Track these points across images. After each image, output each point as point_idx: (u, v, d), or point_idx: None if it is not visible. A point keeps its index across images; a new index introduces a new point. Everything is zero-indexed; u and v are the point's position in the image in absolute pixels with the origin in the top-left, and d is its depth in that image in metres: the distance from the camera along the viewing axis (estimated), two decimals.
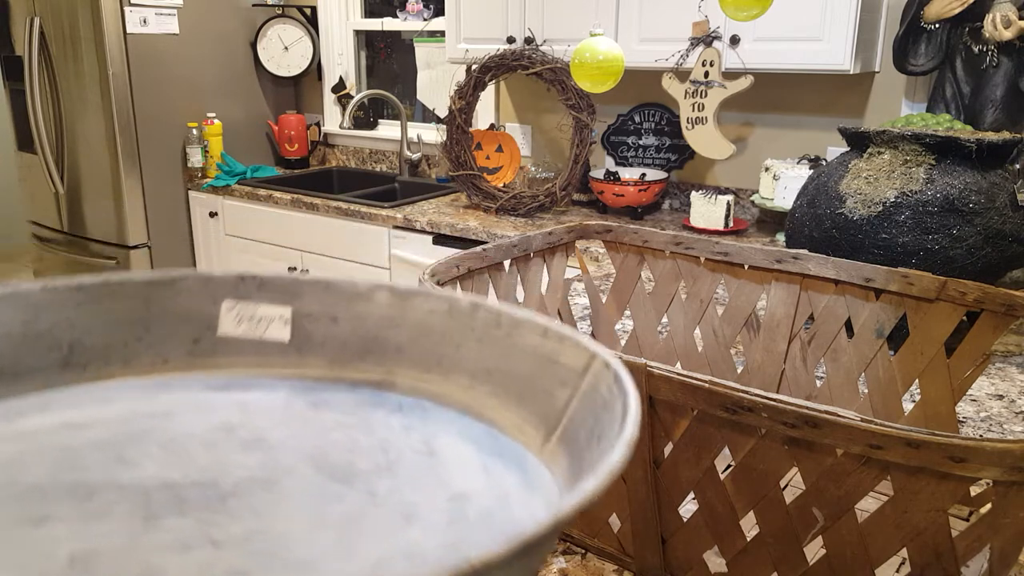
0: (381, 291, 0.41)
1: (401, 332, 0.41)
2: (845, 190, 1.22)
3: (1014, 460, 0.43)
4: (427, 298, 0.40)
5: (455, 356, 0.40)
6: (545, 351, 0.37)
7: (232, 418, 0.36)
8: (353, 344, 0.41)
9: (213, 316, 0.41)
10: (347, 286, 0.41)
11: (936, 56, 2.00)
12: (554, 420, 0.35)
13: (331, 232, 2.81)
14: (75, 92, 3.07)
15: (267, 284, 0.41)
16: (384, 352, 0.41)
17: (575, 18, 2.44)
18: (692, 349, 0.99)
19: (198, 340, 0.40)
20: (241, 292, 0.41)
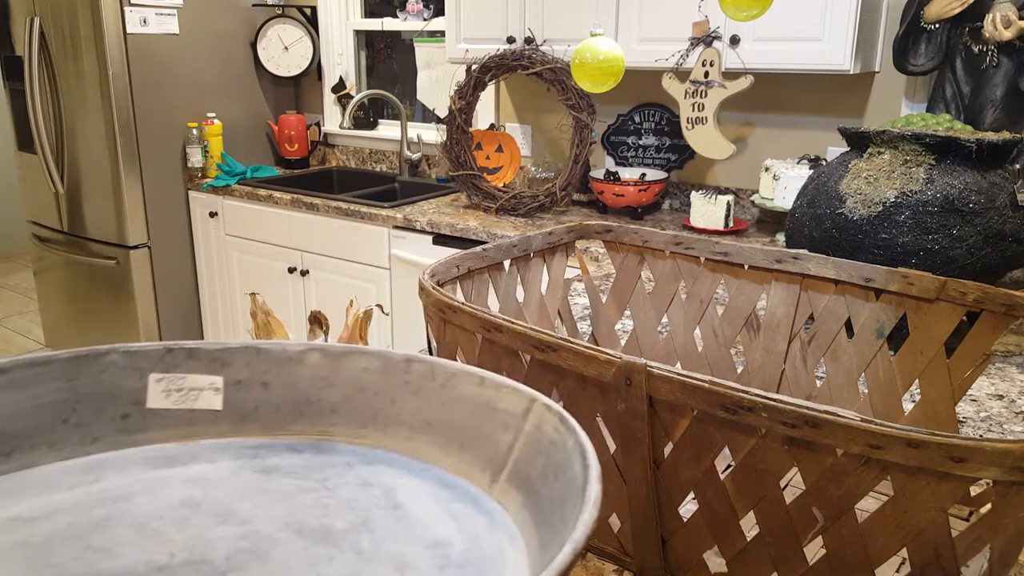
0: (312, 353, 0.41)
1: (335, 392, 0.41)
2: (845, 190, 1.22)
3: (1014, 460, 0.43)
4: (360, 356, 0.41)
5: (391, 411, 0.40)
6: (483, 399, 0.37)
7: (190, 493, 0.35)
8: (286, 408, 0.41)
9: (141, 390, 0.40)
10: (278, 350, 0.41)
11: (936, 56, 2.00)
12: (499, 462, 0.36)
13: (331, 232, 2.81)
14: (75, 92, 3.07)
15: (195, 353, 0.40)
16: (318, 413, 0.41)
17: (575, 18, 2.44)
18: (692, 349, 0.99)
19: (127, 416, 0.39)
20: (168, 364, 0.40)
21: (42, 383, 0.38)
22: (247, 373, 0.41)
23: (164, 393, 0.40)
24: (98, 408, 0.39)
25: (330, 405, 0.41)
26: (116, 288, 3.21)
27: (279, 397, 0.41)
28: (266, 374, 0.41)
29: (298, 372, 0.41)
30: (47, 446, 0.37)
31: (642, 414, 0.56)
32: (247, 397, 0.41)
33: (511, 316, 0.93)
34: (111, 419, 0.39)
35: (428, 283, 0.71)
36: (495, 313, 0.64)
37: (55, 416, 0.38)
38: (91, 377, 0.39)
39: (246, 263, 3.16)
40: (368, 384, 0.40)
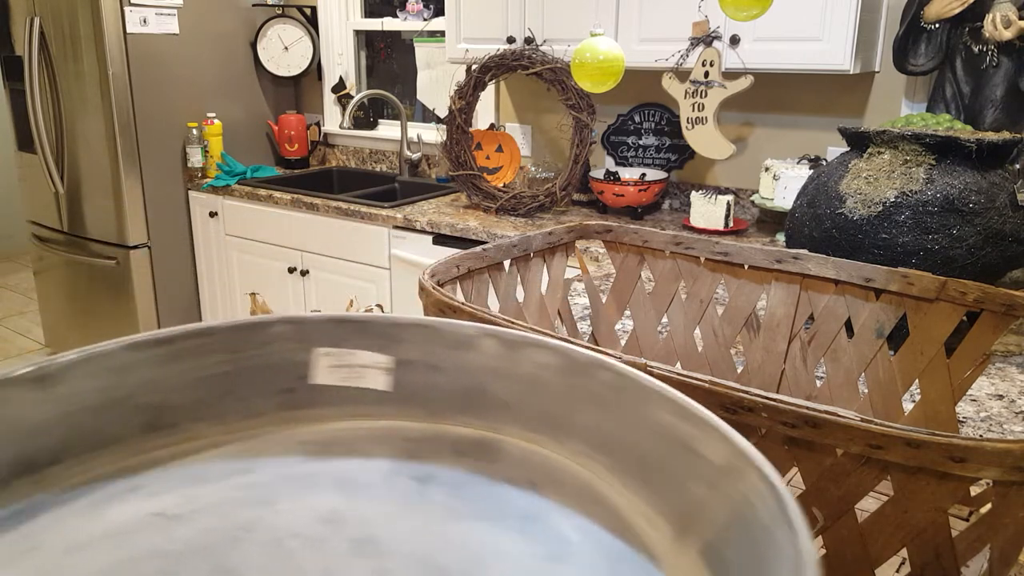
0: (488, 339, 0.37)
1: (508, 386, 0.36)
2: (845, 190, 1.22)
3: (1014, 460, 0.43)
4: (540, 349, 0.36)
5: (568, 419, 0.35)
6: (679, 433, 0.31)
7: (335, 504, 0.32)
8: (455, 395, 0.37)
9: (306, 364, 0.37)
10: (450, 331, 0.37)
11: (936, 56, 2.00)
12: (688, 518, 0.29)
13: (331, 232, 2.81)
14: (75, 92, 3.07)
15: (366, 327, 0.38)
16: (489, 406, 0.37)
17: (575, 18, 2.44)
18: (692, 349, 0.99)
19: (292, 390, 0.37)
20: (337, 337, 0.38)
21: (205, 355, 0.36)
22: (417, 353, 0.37)
23: (330, 368, 0.37)
24: (262, 381, 0.37)
25: (502, 400, 0.36)
26: (116, 288, 3.21)
27: (449, 383, 0.37)
28: (437, 356, 0.37)
29: (470, 358, 0.37)
30: (212, 419, 0.36)
31: None
32: (415, 379, 0.37)
33: (511, 316, 0.93)
34: (274, 393, 0.37)
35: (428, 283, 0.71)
36: (495, 313, 0.64)
37: (219, 389, 0.36)
38: (255, 349, 0.37)
39: (246, 263, 3.16)
40: (546, 383, 0.36)
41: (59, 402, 0.33)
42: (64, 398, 0.33)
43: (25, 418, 0.32)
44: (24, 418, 0.32)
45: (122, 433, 0.34)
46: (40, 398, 0.33)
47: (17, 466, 0.32)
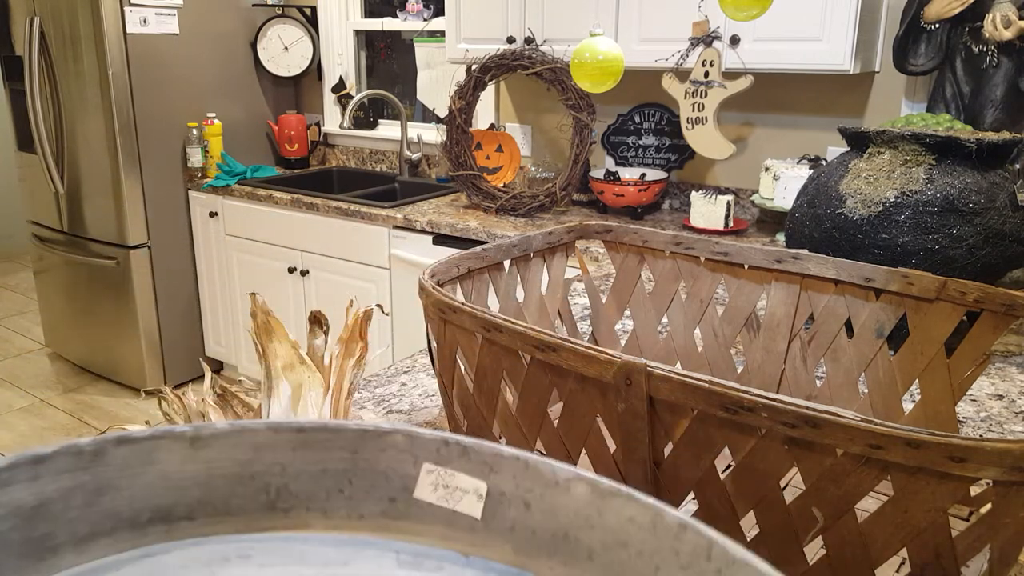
0: (580, 483, 0.38)
1: (594, 535, 0.37)
2: (845, 190, 1.22)
3: (1014, 460, 0.43)
4: (628, 502, 0.37)
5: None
6: None
7: None
8: (542, 536, 0.38)
9: (412, 477, 0.39)
10: (547, 471, 0.38)
11: (936, 56, 2.00)
12: None
13: (331, 232, 2.81)
14: (75, 92, 3.07)
15: (468, 452, 0.39)
16: (573, 553, 0.38)
17: (575, 18, 2.44)
18: (692, 349, 0.99)
19: (394, 500, 0.39)
20: (443, 456, 0.39)
21: (331, 450, 0.39)
22: (512, 487, 0.39)
23: (432, 486, 0.39)
24: (371, 486, 0.39)
25: (587, 549, 0.37)
26: (116, 288, 3.21)
27: (537, 523, 0.38)
28: (529, 493, 0.39)
29: (561, 500, 0.38)
30: (320, 511, 0.39)
31: (642, 414, 0.56)
32: (507, 513, 0.39)
33: (511, 316, 0.93)
34: (379, 499, 0.39)
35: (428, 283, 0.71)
36: (495, 313, 0.64)
37: (333, 485, 0.39)
38: (372, 454, 0.39)
39: (246, 263, 3.16)
40: (632, 539, 0.37)
41: (204, 464, 0.37)
42: (209, 461, 0.37)
43: (174, 472, 0.36)
44: (172, 472, 0.36)
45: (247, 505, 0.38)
46: (190, 456, 0.36)
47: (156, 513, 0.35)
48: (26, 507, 0.32)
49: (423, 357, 1.18)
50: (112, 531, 0.34)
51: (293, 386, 0.76)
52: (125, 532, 0.35)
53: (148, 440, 0.35)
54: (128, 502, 0.35)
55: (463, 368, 0.72)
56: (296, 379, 0.76)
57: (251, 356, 3.29)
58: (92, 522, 0.34)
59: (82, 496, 0.34)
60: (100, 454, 0.34)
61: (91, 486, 0.34)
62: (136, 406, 3.24)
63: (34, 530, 0.32)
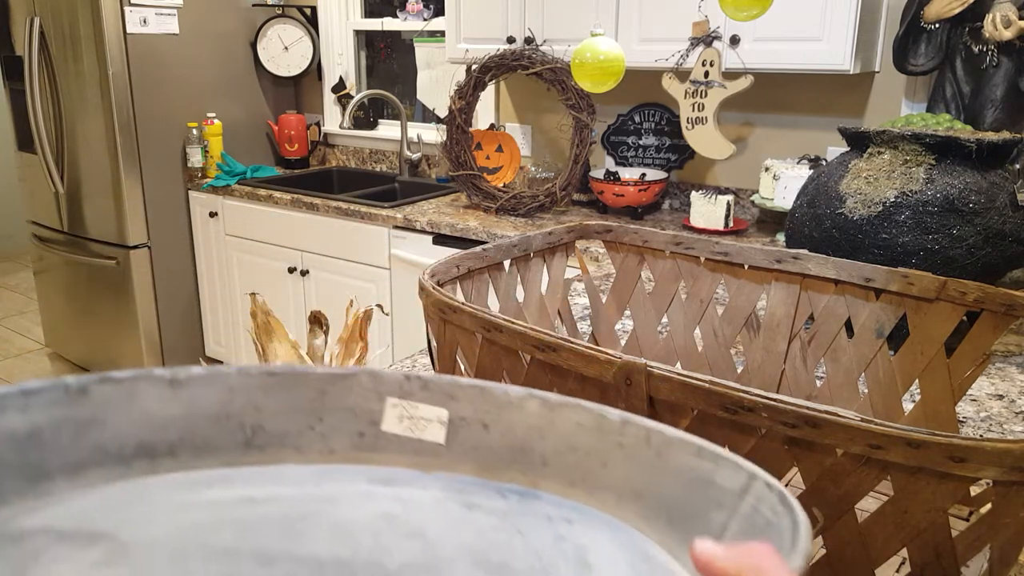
0: (531, 400, 0.42)
1: (547, 443, 0.41)
2: (845, 190, 1.22)
3: (1014, 460, 0.43)
4: (575, 410, 0.41)
5: (601, 473, 0.40)
6: (699, 472, 0.36)
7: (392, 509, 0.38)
8: (501, 451, 0.42)
9: (378, 412, 0.43)
10: (500, 392, 0.42)
11: (936, 56, 2.00)
12: None
13: (331, 232, 2.81)
14: (75, 92, 3.07)
15: (429, 385, 0.43)
16: (530, 462, 0.42)
17: (575, 18, 2.44)
18: (692, 349, 0.99)
19: (363, 434, 0.43)
20: (405, 391, 0.43)
21: (300, 389, 0.42)
22: (470, 411, 0.43)
23: (398, 418, 0.43)
24: (340, 422, 0.43)
25: (542, 456, 0.41)
26: (116, 288, 3.21)
27: (496, 440, 0.42)
28: (487, 415, 0.42)
29: (516, 418, 0.42)
30: (293, 448, 0.42)
31: (642, 414, 0.56)
32: (468, 435, 0.42)
33: (511, 316, 0.93)
34: (349, 434, 0.43)
35: (428, 283, 0.71)
36: (495, 313, 0.64)
37: (304, 423, 0.42)
38: (339, 392, 0.43)
39: (246, 263, 3.16)
40: (581, 442, 0.41)
41: (182, 404, 0.40)
42: (187, 401, 0.40)
43: (154, 411, 0.39)
44: (153, 411, 0.39)
45: (225, 443, 0.41)
46: (169, 396, 0.40)
47: (140, 448, 0.39)
48: (20, 433, 0.35)
49: (423, 357, 1.18)
50: (100, 463, 0.37)
51: None
52: (112, 465, 0.38)
53: (129, 380, 0.38)
54: (113, 437, 0.38)
55: (463, 368, 0.72)
56: None
57: (251, 356, 3.29)
58: (81, 453, 0.37)
59: (71, 428, 0.37)
60: (85, 391, 0.37)
61: (78, 419, 0.37)
62: None
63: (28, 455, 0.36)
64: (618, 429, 0.40)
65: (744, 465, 0.35)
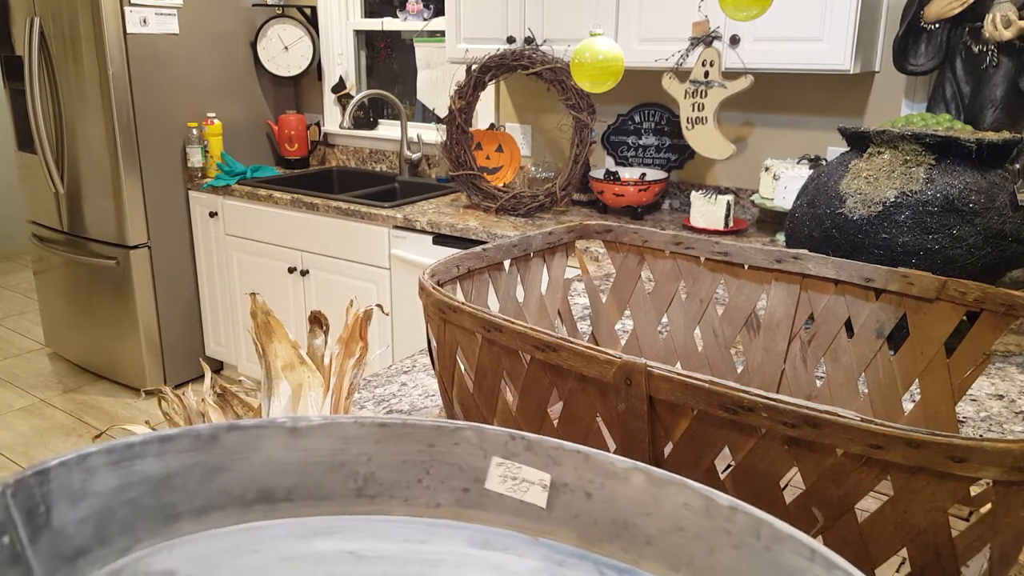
0: (637, 473, 0.41)
1: (652, 521, 0.40)
2: (845, 190, 1.22)
3: (1014, 460, 0.43)
4: (682, 489, 0.40)
5: (707, 560, 0.38)
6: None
7: None
8: (603, 523, 0.41)
9: (482, 469, 0.43)
10: (605, 462, 0.42)
11: (936, 56, 2.00)
12: None
13: (331, 232, 2.81)
14: (75, 92, 3.07)
15: (533, 446, 0.43)
16: (633, 539, 0.41)
17: (575, 18, 2.44)
18: (692, 349, 0.99)
19: (467, 490, 0.43)
20: (510, 450, 0.43)
21: (409, 442, 0.44)
22: (574, 478, 0.42)
23: (501, 478, 0.43)
24: (446, 477, 0.44)
25: (646, 536, 0.40)
26: (116, 288, 3.21)
27: (599, 511, 0.42)
28: (591, 484, 0.42)
29: (620, 490, 0.41)
30: (401, 499, 0.43)
31: (642, 414, 0.56)
32: (570, 502, 0.42)
33: (511, 316, 0.93)
34: (454, 490, 0.44)
35: (428, 283, 0.71)
36: (495, 313, 0.64)
37: (413, 475, 0.44)
38: (446, 447, 0.44)
39: (246, 263, 3.16)
40: (687, 523, 0.39)
41: (301, 451, 0.42)
42: (305, 450, 0.42)
43: (276, 458, 0.41)
44: (275, 458, 0.41)
45: (338, 490, 0.43)
46: (289, 444, 0.41)
47: (260, 493, 0.41)
48: (155, 478, 0.38)
49: (423, 357, 1.18)
50: (224, 506, 0.40)
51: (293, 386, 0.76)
52: (235, 508, 0.40)
53: (254, 428, 0.41)
54: (237, 481, 0.40)
55: (463, 368, 0.72)
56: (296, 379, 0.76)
57: (251, 356, 3.29)
58: (208, 496, 0.39)
59: (200, 473, 0.39)
60: (215, 438, 0.40)
61: (207, 465, 0.40)
62: (136, 406, 3.24)
63: (161, 498, 0.38)
64: (726, 515, 0.38)
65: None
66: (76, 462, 0.35)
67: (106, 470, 0.36)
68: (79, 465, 0.35)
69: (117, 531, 0.36)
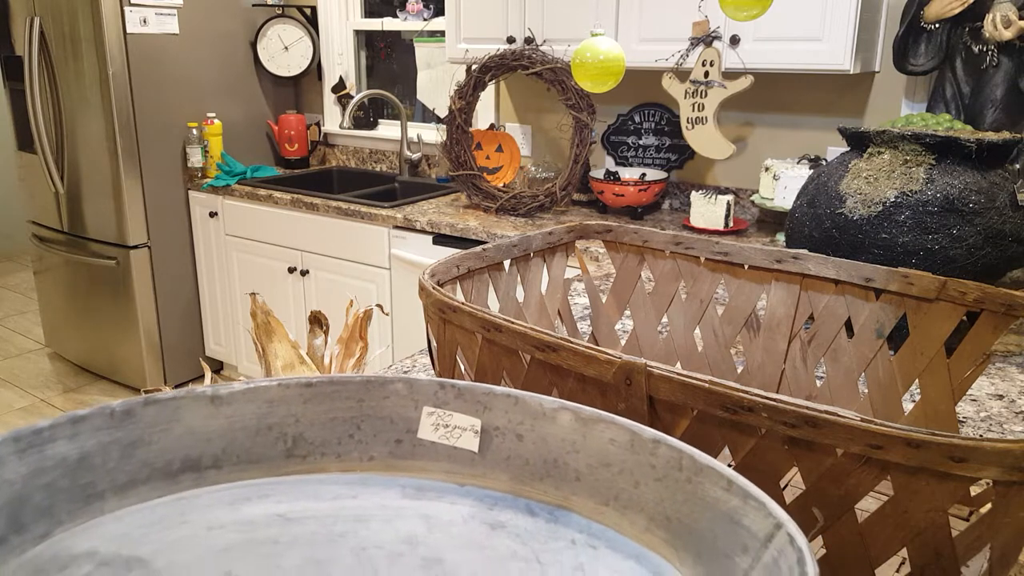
0: (564, 412, 0.42)
1: (580, 458, 0.41)
2: (845, 190, 1.22)
3: (1014, 460, 0.43)
4: (608, 426, 0.41)
5: (634, 493, 0.39)
6: (727, 507, 0.36)
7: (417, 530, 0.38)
8: (535, 463, 0.42)
9: (414, 420, 0.44)
10: (534, 403, 0.42)
11: (936, 56, 2.00)
12: None
13: (331, 232, 2.81)
14: (75, 92, 3.07)
15: (463, 393, 0.43)
16: (563, 477, 0.41)
17: (575, 18, 2.44)
18: (692, 349, 0.99)
19: (400, 441, 0.44)
20: (440, 399, 0.43)
21: (338, 400, 0.43)
22: (504, 421, 0.43)
23: (433, 427, 0.43)
24: (378, 430, 0.44)
25: (575, 471, 0.41)
26: (116, 288, 3.21)
27: (530, 452, 0.42)
28: (521, 425, 0.42)
29: (549, 430, 0.42)
30: (333, 456, 0.43)
31: (642, 414, 0.56)
32: (502, 445, 0.43)
33: (511, 316, 0.93)
34: (386, 442, 0.44)
35: (428, 283, 0.71)
36: (495, 313, 0.64)
37: (344, 431, 0.44)
38: (376, 401, 0.44)
39: (246, 263, 3.16)
40: (613, 458, 0.40)
41: (225, 419, 0.42)
42: (229, 417, 0.42)
43: (198, 427, 0.41)
44: (198, 427, 0.41)
45: (268, 453, 0.43)
46: (212, 413, 0.41)
47: (185, 463, 0.41)
48: (71, 459, 0.37)
49: (423, 357, 1.18)
50: (148, 479, 0.40)
51: None
52: (159, 481, 0.40)
53: (172, 400, 0.41)
54: (160, 454, 0.40)
55: (463, 368, 0.72)
56: None
57: (251, 356, 3.29)
58: (129, 472, 0.39)
59: (118, 449, 0.39)
60: (130, 414, 0.40)
61: (125, 441, 0.39)
62: None
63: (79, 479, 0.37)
64: (650, 448, 0.39)
65: (773, 510, 0.34)
66: None
67: (14, 458, 0.36)
68: None
69: (34, 517, 0.36)
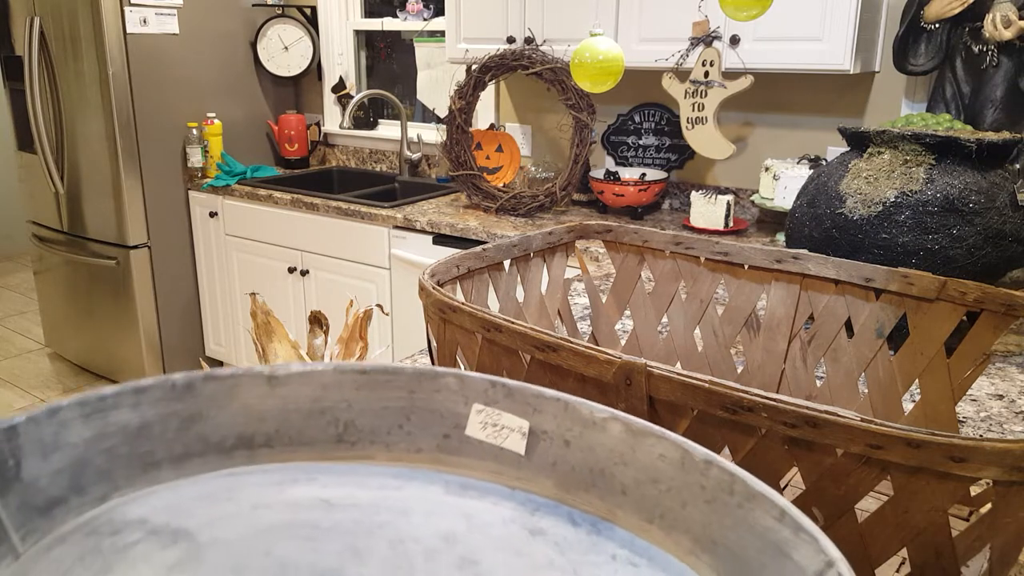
0: (615, 423, 0.41)
1: (628, 472, 0.40)
2: (845, 190, 1.22)
3: (1014, 460, 0.43)
4: (659, 441, 0.40)
5: (680, 513, 0.38)
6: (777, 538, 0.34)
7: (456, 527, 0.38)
8: (581, 472, 0.41)
9: (463, 416, 0.44)
10: (585, 411, 0.42)
11: (936, 56, 2.00)
12: None
13: (331, 232, 2.81)
14: (75, 92, 3.07)
15: (513, 393, 0.43)
16: (609, 489, 0.41)
17: (575, 18, 2.44)
18: (692, 349, 0.99)
19: (448, 436, 0.44)
20: (490, 397, 0.43)
21: (390, 389, 0.44)
22: (553, 425, 0.42)
23: (481, 425, 0.43)
24: (427, 423, 0.44)
25: (621, 485, 0.40)
26: (116, 288, 3.21)
27: (577, 459, 0.42)
28: (569, 432, 0.42)
29: (598, 439, 0.41)
30: (382, 445, 0.43)
31: (642, 414, 0.56)
32: (548, 450, 0.42)
33: (511, 316, 0.93)
34: (434, 436, 0.44)
35: (428, 283, 0.71)
36: (495, 313, 0.64)
37: (394, 421, 0.44)
38: (427, 394, 0.44)
39: (246, 263, 3.16)
40: (662, 475, 0.39)
41: (280, 400, 0.42)
42: (284, 397, 0.42)
43: (253, 405, 0.42)
44: (253, 405, 0.42)
45: (319, 437, 0.43)
46: (267, 392, 0.42)
47: (239, 440, 0.41)
48: (132, 427, 0.39)
49: (423, 357, 1.18)
50: (203, 453, 0.40)
51: None
52: (213, 455, 0.41)
53: (231, 377, 0.41)
54: (215, 429, 0.41)
55: (463, 368, 0.72)
56: None
57: (251, 356, 3.29)
58: (185, 444, 0.40)
59: (176, 422, 0.40)
60: (190, 387, 0.40)
61: (184, 414, 0.40)
62: None
63: (139, 447, 0.39)
64: (701, 469, 0.38)
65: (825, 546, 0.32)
66: (46, 416, 0.36)
67: (79, 422, 0.37)
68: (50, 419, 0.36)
69: (94, 480, 0.37)
